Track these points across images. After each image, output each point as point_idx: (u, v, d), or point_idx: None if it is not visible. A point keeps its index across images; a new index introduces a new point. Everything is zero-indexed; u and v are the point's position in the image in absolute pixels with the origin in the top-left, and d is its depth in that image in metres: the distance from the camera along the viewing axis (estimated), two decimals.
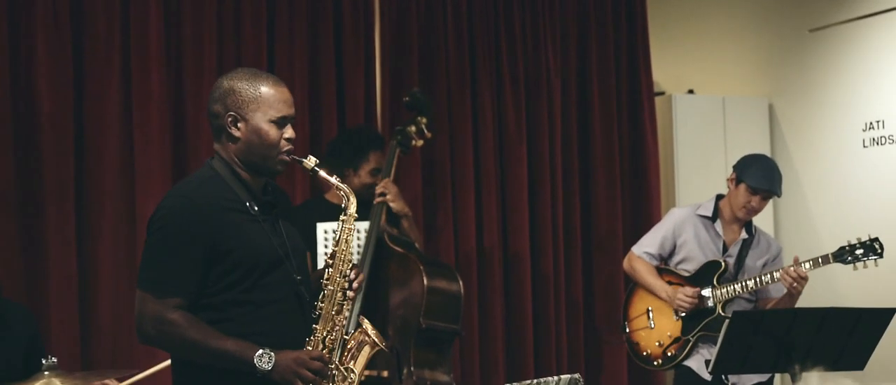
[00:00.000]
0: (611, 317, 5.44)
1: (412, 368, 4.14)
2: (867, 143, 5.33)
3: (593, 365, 5.57)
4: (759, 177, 4.27)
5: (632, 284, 4.60)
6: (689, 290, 4.31)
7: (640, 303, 4.52)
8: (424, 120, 4.53)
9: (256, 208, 2.80)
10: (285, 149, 2.80)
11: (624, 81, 5.74)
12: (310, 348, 2.76)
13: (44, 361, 3.40)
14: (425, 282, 4.21)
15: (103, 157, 4.55)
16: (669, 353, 4.39)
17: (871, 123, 5.32)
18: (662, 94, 5.91)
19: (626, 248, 4.80)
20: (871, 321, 3.68)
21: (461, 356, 5.16)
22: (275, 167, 2.82)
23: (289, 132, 2.81)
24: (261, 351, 2.66)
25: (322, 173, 2.85)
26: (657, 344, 4.43)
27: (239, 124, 2.78)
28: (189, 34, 4.72)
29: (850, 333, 3.65)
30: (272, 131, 2.78)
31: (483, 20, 5.40)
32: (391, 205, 4.36)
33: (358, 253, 4.27)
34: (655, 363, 4.46)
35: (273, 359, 2.67)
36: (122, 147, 4.58)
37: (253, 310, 2.74)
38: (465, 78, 5.33)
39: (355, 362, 2.84)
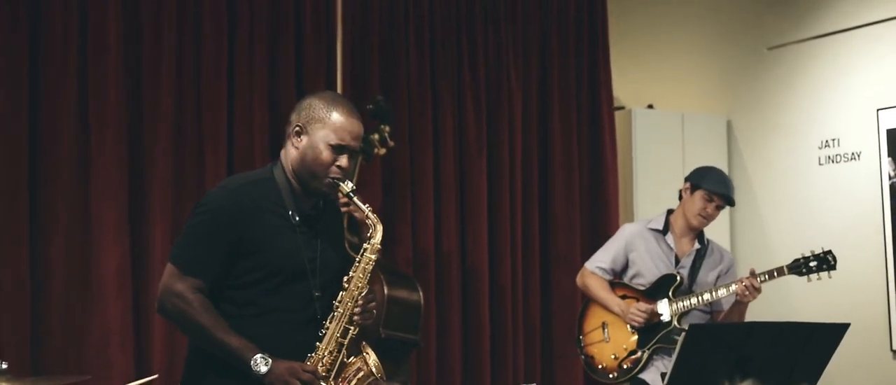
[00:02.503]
0: (569, 330, 5.44)
1: None
2: (823, 161, 5.40)
3: (549, 378, 5.57)
4: (716, 182, 4.35)
5: (587, 298, 4.62)
6: (642, 305, 4.34)
7: (595, 317, 4.54)
8: (387, 128, 4.53)
9: (297, 218, 2.91)
10: (334, 175, 2.90)
11: (584, 95, 5.77)
12: (308, 364, 2.86)
13: None
14: (385, 291, 4.20)
15: (57, 159, 4.47)
16: (625, 366, 4.41)
17: (826, 141, 5.39)
18: (622, 108, 5.95)
19: (584, 261, 4.82)
20: (826, 335, 3.71)
21: (418, 366, 5.14)
22: (320, 188, 2.93)
23: (343, 161, 2.91)
24: (260, 355, 2.79)
25: (357, 200, 2.96)
26: (613, 357, 4.44)
27: (302, 136, 2.92)
28: (148, 37, 4.66)
29: (804, 348, 3.68)
30: (326, 154, 2.89)
31: (445, 31, 5.40)
32: (356, 214, 4.35)
33: None
34: (611, 377, 4.47)
35: (269, 364, 2.79)
36: (77, 149, 4.50)
37: (266, 313, 2.87)
38: (425, 88, 5.32)
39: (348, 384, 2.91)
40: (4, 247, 4.33)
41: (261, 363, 2.78)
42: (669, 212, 4.52)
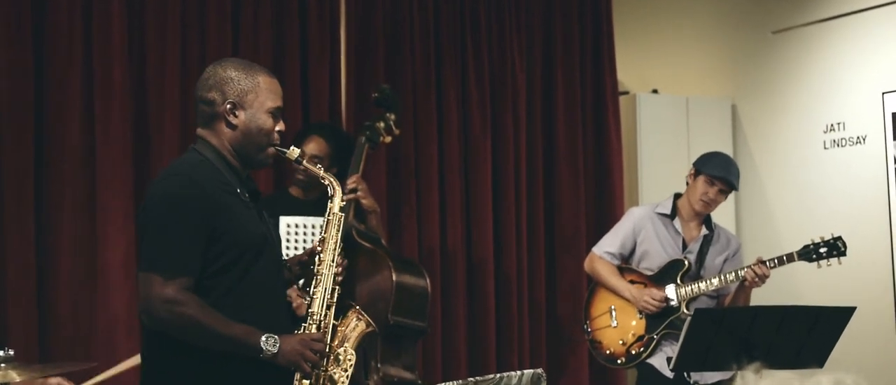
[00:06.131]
0: (574, 315, 5.45)
1: (378, 364, 4.13)
2: (828, 145, 5.39)
3: (555, 363, 5.58)
4: (717, 167, 4.36)
5: (593, 283, 4.61)
6: (655, 292, 4.33)
7: (602, 302, 4.54)
8: (393, 116, 4.51)
9: (246, 195, 2.83)
10: (276, 142, 2.84)
11: (588, 80, 5.76)
12: (312, 332, 2.80)
13: (0, 353, 3.35)
14: (394, 278, 4.19)
15: (63, 149, 4.48)
16: (633, 352, 4.40)
17: (832, 125, 5.38)
18: (627, 93, 5.94)
19: (590, 247, 4.82)
20: (831, 319, 3.71)
21: (424, 352, 5.14)
22: (265, 159, 2.86)
23: (281, 125, 2.85)
24: (266, 335, 2.70)
25: (306, 163, 2.90)
26: (620, 342, 4.44)
27: (238, 112, 2.80)
28: (152, 26, 4.66)
29: (810, 331, 3.68)
30: (269, 121, 2.82)
31: (449, 17, 5.39)
32: (362, 201, 4.35)
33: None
34: (619, 362, 4.47)
35: (278, 342, 2.70)
36: (82, 139, 4.51)
37: (244, 295, 2.76)
38: (430, 75, 5.32)
39: (349, 344, 2.88)
40: (11, 235, 4.35)
41: (270, 343, 2.69)
42: (677, 196, 4.52)
